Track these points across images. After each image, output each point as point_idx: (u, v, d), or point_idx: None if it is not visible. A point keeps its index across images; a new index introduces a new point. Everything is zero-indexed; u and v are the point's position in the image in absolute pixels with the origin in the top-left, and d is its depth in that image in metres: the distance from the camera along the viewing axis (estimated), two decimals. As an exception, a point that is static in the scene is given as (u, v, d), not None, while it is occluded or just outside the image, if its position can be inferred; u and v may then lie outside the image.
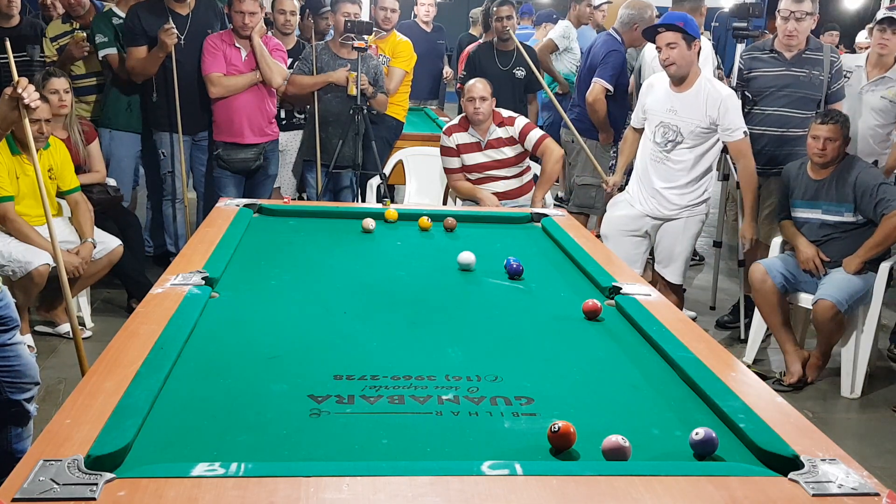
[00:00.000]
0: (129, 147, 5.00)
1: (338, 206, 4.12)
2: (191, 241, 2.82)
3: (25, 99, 2.45)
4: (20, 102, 2.46)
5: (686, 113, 3.95)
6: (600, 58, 5.15)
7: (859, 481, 1.44)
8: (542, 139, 4.29)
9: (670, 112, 3.99)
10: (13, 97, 2.45)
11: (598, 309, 2.32)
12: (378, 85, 4.90)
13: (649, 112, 4.11)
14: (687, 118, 3.95)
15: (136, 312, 2.10)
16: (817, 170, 4.02)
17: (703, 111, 3.91)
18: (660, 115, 4.04)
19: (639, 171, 4.20)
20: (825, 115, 4.01)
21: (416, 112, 6.69)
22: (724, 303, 5.23)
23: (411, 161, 5.35)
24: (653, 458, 1.56)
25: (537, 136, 4.29)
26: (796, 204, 4.12)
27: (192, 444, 1.53)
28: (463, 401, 1.76)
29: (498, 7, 5.56)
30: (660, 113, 4.04)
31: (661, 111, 4.04)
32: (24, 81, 2.47)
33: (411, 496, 1.35)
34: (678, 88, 3.98)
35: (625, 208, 4.24)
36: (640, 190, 4.18)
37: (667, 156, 4.03)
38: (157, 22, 4.63)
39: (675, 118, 3.97)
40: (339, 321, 2.24)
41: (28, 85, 2.46)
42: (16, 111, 2.47)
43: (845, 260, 3.90)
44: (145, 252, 5.09)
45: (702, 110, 3.92)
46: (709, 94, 3.91)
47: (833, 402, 3.98)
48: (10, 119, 2.50)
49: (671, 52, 3.85)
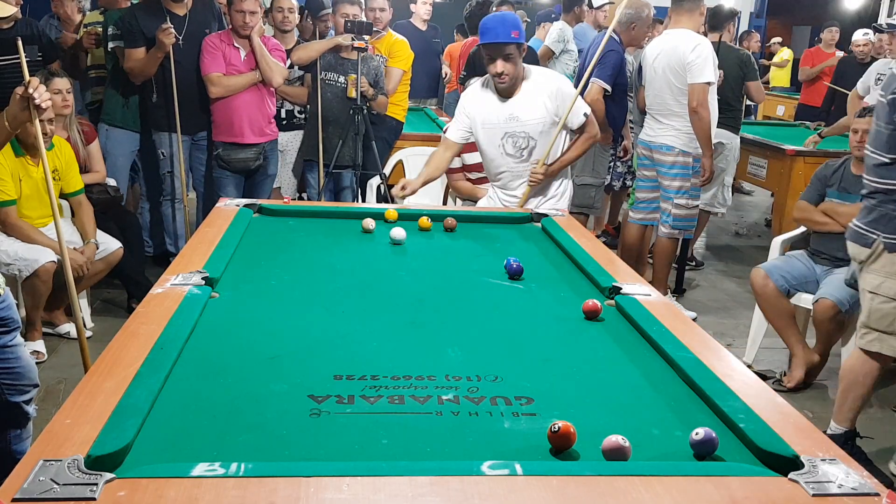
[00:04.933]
0: (125, 145, 5.01)
1: (338, 206, 4.13)
2: (191, 241, 2.82)
3: (37, 99, 2.45)
4: (31, 102, 2.46)
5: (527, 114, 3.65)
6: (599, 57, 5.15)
7: (859, 481, 1.44)
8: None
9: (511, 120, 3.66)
10: (24, 97, 2.44)
11: (598, 309, 2.32)
12: (378, 86, 4.91)
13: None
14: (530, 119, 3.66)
15: (136, 312, 2.09)
16: (859, 165, 4.04)
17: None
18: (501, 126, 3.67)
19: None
20: (864, 109, 4.03)
21: (416, 112, 6.70)
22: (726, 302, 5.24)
23: (411, 161, 5.35)
24: (653, 458, 1.56)
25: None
26: (830, 194, 4.13)
27: (192, 444, 1.53)
28: (463, 401, 1.76)
29: (498, 7, 5.58)
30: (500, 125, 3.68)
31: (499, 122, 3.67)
32: (35, 81, 2.46)
33: (411, 496, 1.35)
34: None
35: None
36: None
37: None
38: (154, 23, 4.64)
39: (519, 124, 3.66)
40: (339, 321, 2.24)
41: (39, 85, 2.46)
42: (26, 111, 2.47)
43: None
44: (145, 252, 5.09)
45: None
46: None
47: (833, 402, 3.97)
48: (20, 119, 2.49)
49: (507, 66, 3.51)
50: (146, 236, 5.24)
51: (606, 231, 6.60)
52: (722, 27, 5.95)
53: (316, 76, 4.89)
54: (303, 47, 4.93)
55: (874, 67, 5.52)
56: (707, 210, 5.83)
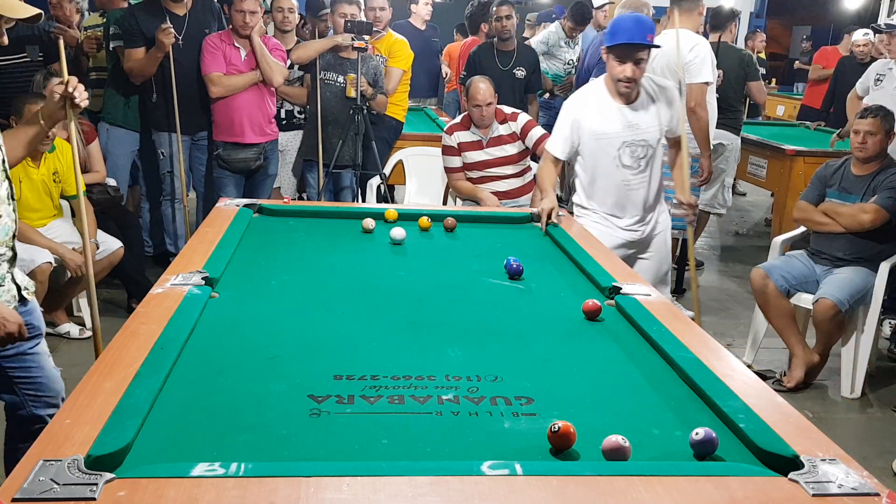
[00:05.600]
0: (125, 144, 5.01)
1: (338, 206, 4.12)
2: (191, 241, 2.82)
3: (77, 98, 2.46)
4: (69, 101, 2.46)
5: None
6: (597, 58, 5.16)
7: (859, 481, 1.44)
8: (544, 138, 4.29)
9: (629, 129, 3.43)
10: (64, 96, 2.44)
11: (598, 309, 2.32)
12: (378, 86, 4.91)
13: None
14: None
15: (136, 312, 2.09)
16: (860, 166, 4.05)
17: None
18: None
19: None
20: (866, 110, 4.03)
21: (416, 112, 6.70)
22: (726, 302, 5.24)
23: (411, 161, 5.35)
24: (653, 458, 1.56)
25: (539, 135, 4.30)
26: (830, 194, 4.13)
27: (192, 444, 1.53)
28: (463, 401, 1.76)
29: (498, 7, 5.58)
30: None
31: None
32: (74, 80, 2.47)
33: (411, 496, 1.35)
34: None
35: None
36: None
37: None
38: (154, 23, 4.64)
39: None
40: (338, 321, 2.24)
41: (79, 84, 2.47)
42: (62, 110, 2.48)
43: None
44: (145, 252, 5.09)
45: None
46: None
47: (833, 402, 3.98)
48: (56, 118, 2.50)
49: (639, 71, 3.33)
50: (146, 236, 5.24)
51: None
52: (723, 27, 5.95)
53: (315, 76, 4.89)
54: (301, 46, 4.94)
55: (874, 68, 5.52)
56: (707, 211, 5.82)
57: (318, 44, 4.92)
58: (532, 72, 5.68)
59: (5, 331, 2.13)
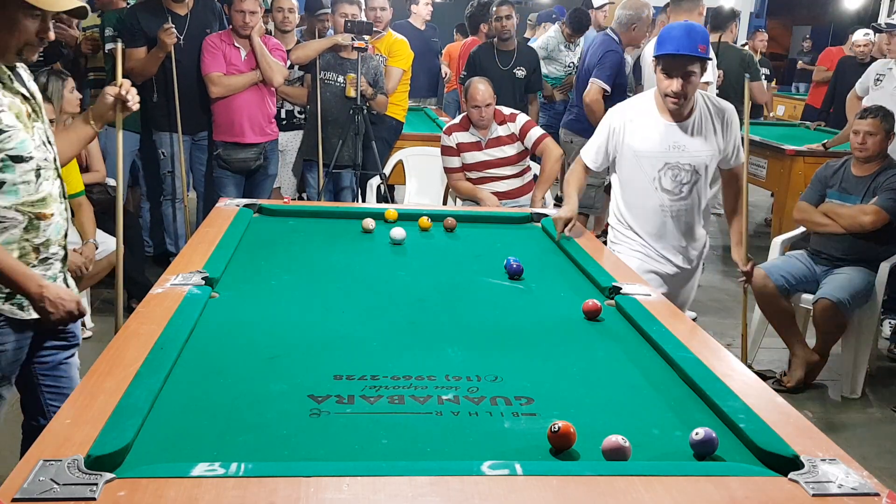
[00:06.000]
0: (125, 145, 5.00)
1: (338, 206, 4.12)
2: (191, 241, 2.82)
3: (130, 102, 2.51)
4: (121, 104, 2.51)
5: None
6: (597, 58, 5.16)
7: (859, 481, 1.44)
8: (542, 138, 4.29)
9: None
10: (118, 98, 2.49)
11: (598, 309, 2.32)
12: (378, 86, 4.91)
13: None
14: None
15: (136, 312, 2.09)
16: (860, 166, 4.05)
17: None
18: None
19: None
20: (865, 111, 4.03)
21: (416, 112, 6.70)
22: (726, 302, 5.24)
23: (411, 161, 5.35)
24: (653, 458, 1.56)
25: (537, 135, 4.30)
26: (830, 195, 4.13)
27: (192, 444, 1.53)
28: (463, 401, 1.76)
29: (498, 7, 5.57)
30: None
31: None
32: (127, 84, 2.52)
33: (411, 496, 1.35)
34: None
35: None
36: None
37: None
38: (155, 22, 4.64)
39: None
40: (338, 321, 2.24)
41: (131, 87, 2.52)
42: (112, 112, 2.52)
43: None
44: (145, 252, 5.09)
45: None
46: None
47: (833, 402, 3.98)
48: (106, 119, 2.54)
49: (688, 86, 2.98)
50: (146, 236, 5.24)
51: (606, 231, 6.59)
52: (723, 27, 5.95)
53: (316, 76, 4.89)
54: (301, 46, 4.94)
55: (873, 68, 5.52)
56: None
57: (318, 44, 4.92)
58: (532, 71, 5.68)
59: (65, 309, 2.12)
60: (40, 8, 2.03)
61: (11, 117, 2.07)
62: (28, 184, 2.12)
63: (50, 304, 2.09)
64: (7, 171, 2.06)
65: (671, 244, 3.21)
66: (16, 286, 2.07)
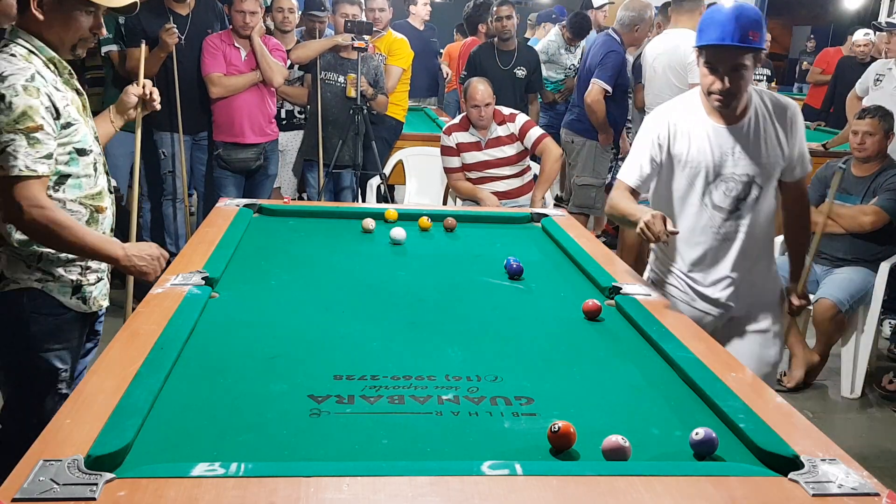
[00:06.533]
0: (125, 145, 5.00)
1: (338, 206, 4.13)
2: (191, 241, 2.82)
3: (155, 102, 2.61)
4: (143, 103, 2.60)
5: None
6: (599, 59, 5.16)
7: (859, 481, 1.44)
8: (542, 138, 4.29)
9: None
10: (141, 97, 2.58)
11: (598, 309, 2.32)
12: (378, 86, 4.91)
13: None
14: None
15: (136, 312, 2.09)
16: (860, 166, 4.05)
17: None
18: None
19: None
20: (864, 111, 4.03)
21: (416, 112, 6.70)
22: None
23: (411, 161, 5.35)
24: (653, 458, 1.56)
25: (537, 135, 4.30)
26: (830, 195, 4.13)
27: (192, 444, 1.53)
28: (463, 401, 1.76)
29: (498, 7, 5.57)
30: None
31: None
32: (149, 84, 2.61)
33: (411, 496, 1.35)
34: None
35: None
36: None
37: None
38: (157, 22, 4.63)
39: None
40: (339, 321, 2.24)
41: (154, 87, 2.61)
42: (134, 110, 2.61)
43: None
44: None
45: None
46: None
47: (833, 402, 3.99)
48: (127, 117, 2.62)
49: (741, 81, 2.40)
50: (146, 236, 5.23)
51: (606, 231, 6.60)
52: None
53: (316, 76, 4.89)
54: (301, 46, 4.94)
55: (873, 68, 5.52)
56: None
57: (318, 44, 4.92)
58: (532, 72, 5.68)
59: (153, 257, 2.26)
60: (95, 4, 2.11)
61: (74, 111, 2.17)
62: (89, 177, 2.22)
63: (138, 258, 2.21)
64: (73, 164, 2.15)
65: (718, 273, 2.60)
66: (102, 255, 2.19)
